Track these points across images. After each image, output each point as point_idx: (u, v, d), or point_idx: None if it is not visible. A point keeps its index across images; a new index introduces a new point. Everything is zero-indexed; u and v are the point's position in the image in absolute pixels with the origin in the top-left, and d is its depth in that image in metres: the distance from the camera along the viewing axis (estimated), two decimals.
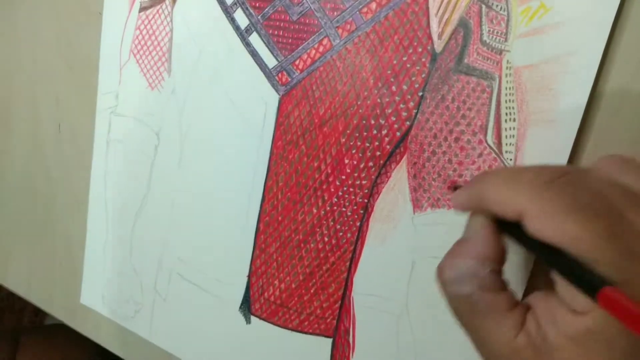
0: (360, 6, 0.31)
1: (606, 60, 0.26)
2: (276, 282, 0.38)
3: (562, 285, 0.19)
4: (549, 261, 0.20)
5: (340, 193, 0.34)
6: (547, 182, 0.20)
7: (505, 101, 0.28)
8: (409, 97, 0.31)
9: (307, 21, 0.33)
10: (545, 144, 0.27)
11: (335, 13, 0.32)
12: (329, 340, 0.36)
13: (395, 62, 0.31)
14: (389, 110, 0.32)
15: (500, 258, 0.22)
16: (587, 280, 0.18)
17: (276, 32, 0.35)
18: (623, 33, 0.26)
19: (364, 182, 0.33)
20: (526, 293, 0.29)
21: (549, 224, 0.19)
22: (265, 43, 0.35)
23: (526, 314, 0.21)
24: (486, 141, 0.29)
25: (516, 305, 0.21)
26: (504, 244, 0.22)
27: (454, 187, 0.30)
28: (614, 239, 0.18)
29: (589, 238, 0.18)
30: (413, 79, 0.31)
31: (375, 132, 0.32)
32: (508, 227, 0.22)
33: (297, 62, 0.34)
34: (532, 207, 0.19)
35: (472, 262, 0.22)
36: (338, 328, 0.36)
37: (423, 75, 0.30)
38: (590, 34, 0.26)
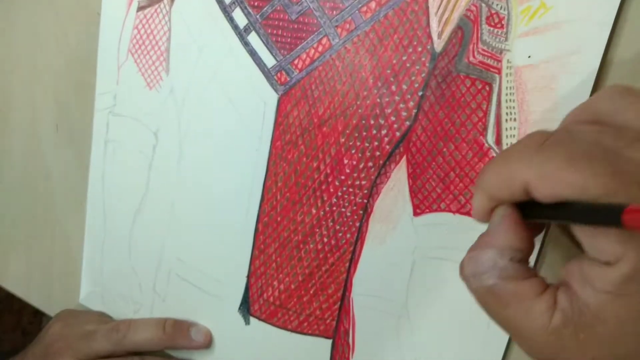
0: (360, 5, 0.31)
1: (606, 60, 0.26)
2: (275, 282, 0.37)
3: (588, 242, 0.19)
4: (567, 218, 0.19)
5: (339, 193, 0.34)
6: (538, 146, 0.20)
7: (506, 101, 0.28)
8: (409, 96, 0.31)
9: (306, 20, 0.33)
10: None
11: (334, 12, 0.32)
12: (329, 341, 0.36)
13: (394, 61, 0.31)
14: (389, 110, 0.31)
15: (522, 246, 0.21)
16: (607, 213, 0.17)
17: (275, 32, 0.34)
18: (623, 33, 0.26)
19: (363, 182, 0.33)
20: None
21: (552, 182, 0.19)
22: (264, 42, 0.35)
23: (556, 294, 0.20)
24: (486, 141, 0.29)
25: (545, 289, 0.20)
26: (527, 232, 0.22)
27: None
28: (618, 175, 0.18)
29: (593, 181, 0.18)
30: (413, 78, 0.30)
31: (374, 132, 0.32)
32: (528, 210, 0.21)
33: (296, 62, 0.34)
34: (532, 174, 0.19)
35: (490, 252, 0.21)
36: (338, 329, 0.36)
37: (423, 75, 0.30)
38: (591, 34, 0.26)
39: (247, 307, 0.39)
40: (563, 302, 0.20)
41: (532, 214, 0.21)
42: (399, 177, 0.32)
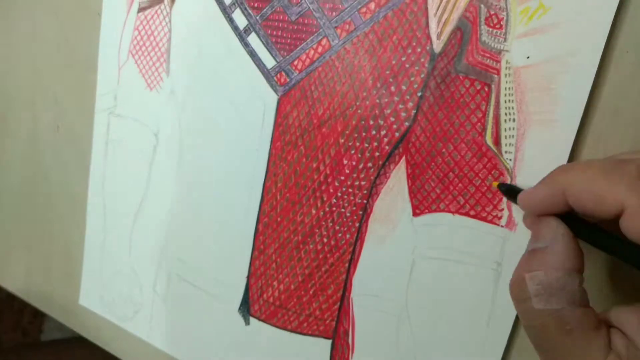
0: (359, 6, 0.31)
1: (605, 60, 0.26)
2: (275, 283, 0.37)
3: None
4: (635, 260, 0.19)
5: (339, 194, 0.34)
6: None
7: (505, 101, 0.28)
8: (408, 97, 0.31)
9: (306, 21, 0.33)
10: (545, 144, 0.27)
11: (334, 13, 0.32)
12: (328, 342, 0.36)
13: (394, 62, 0.31)
14: (388, 111, 0.31)
15: (583, 267, 0.21)
16: None
17: (275, 33, 0.35)
18: (622, 33, 0.26)
19: (363, 182, 0.33)
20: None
21: None
22: (263, 43, 0.35)
23: (610, 334, 0.20)
24: (485, 141, 0.29)
25: (601, 324, 0.20)
26: (582, 252, 0.21)
27: (504, 187, 0.28)
28: None
29: None
30: (412, 79, 0.30)
31: (374, 132, 0.32)
32: (585, 230, 0.20)
33: (295, 63, 0.34)
34: (636, 202, 0.18)
35: (559, 273, 0.20)
36: (337, 329, 0.36)
37: (422, 76, 0.30)
38: (590, 34, 0.26)
39: (247, 308, 0.39)
40: (619, 346, 0.19)
41: (591, 236, 0.20)
42: (398, 178, 0.32)
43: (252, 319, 0.39)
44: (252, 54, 0.36)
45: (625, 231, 0.18)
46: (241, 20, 0.36)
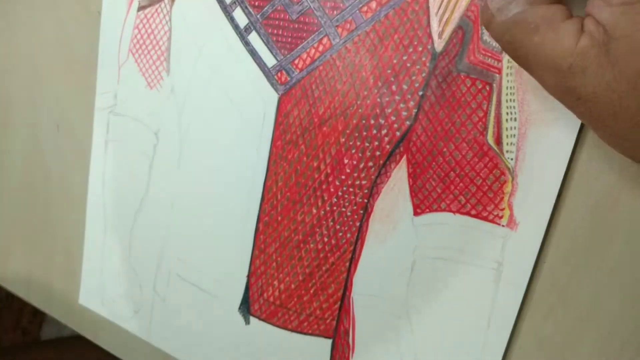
0: (360, 5, 0.31)
1: None
2: (275, 282, 0.37)
3: None
4: None
5: (339, 193, 0.34)
6: None
7: (506, 100, 0.28)
8: (409, 96, 0.31)
9: (307, 20, 0.33)
10: (547, 143, 0.27)
11: (335, 12, 0.32)
12: (329, 341, 0.36)
13: (395, 61, 0.31)
14: (389, 110, 0.31)
15: None
16: None
17: (275, 31, 0.34)
18: None
19: (363, 182, 0.33)
20: None
21: None
22: (264, 42, 0.35)
23: (583, 21, 0.20)
24: (487, 141, 0.29)
25: (571, 16, 0.21)
26: None
27: None
28: None
29: None
30: (413, 78, 0.30)
31: (375, 131, 0.32)
32: None
33: (296, 62, 0.34)
34: None
35: None
36: (338, 329, 0.36)
37: (423, 75, 0.30)
38: None
39: (247, 307, 0.39)
40: (590, 25, 0.20)
41: None
42: (399, 177, 0.32)
43: (252, 319, 0.39)
44: (253, 53, 0.35)
45: None
46: (242, 19, 0.35)
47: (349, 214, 0.34)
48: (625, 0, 0.19)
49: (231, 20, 0.36)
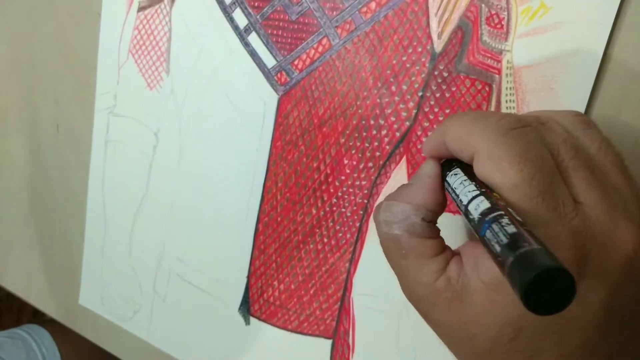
0: (360, 6, 0.31)
1: (606, 61, 0.26)
2: (275, 283, 0.37)
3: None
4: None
5: (339, 194, 0.34)
6: (507, 130, 0.20)
7: (506, 101, 0.28)
8: (409, 97, 0.31)
9: (306, 21, 0.33)
10: None
11: (334, 13, 0.32)
12: (329, 342, 0.36)
13: (394, 62, 0.31)
14: (389, 111, 0.31)
15: (437, 208, 0.23)
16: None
17: (275, 32, 0.34)
18: (622, 33, 0.26)
19: (363, 182, 0.33)
20: None
21: (496, 167, 0.20)
22: (264, 43, 0.35)
23: (450, 261, 0.22)
24: None
25: (442, 252, 0.22)
26: (444, 196, 0.23)
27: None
28: (549, 196, 0.19)
29: (526, 189, 0.19)
30: (413, 79, 0.30)
31: (374, 132, 0.32)
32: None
33: (296, 62, 0.34)
34: (485, 149, 0.20)
35: (407, 207, 0.23)
36: (337, 329, 0.36)
37: (423, 75, 0.30)
38: (591, 34, 0.26)
39: (247, 307, 0.39)
40: (452, 271, 0.22)
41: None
42: (399, 178, 0.32)
43: (252, 319, 0.39)
44: (253, 54, 0.35)
45: (477, 173, 0.21)
46: (241, 20, 0.35)
47: (348, 214, 0.34)
48: (487, 282, 0.20)
49: (231, 21, 0.36)
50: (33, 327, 0.60)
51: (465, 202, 0.20)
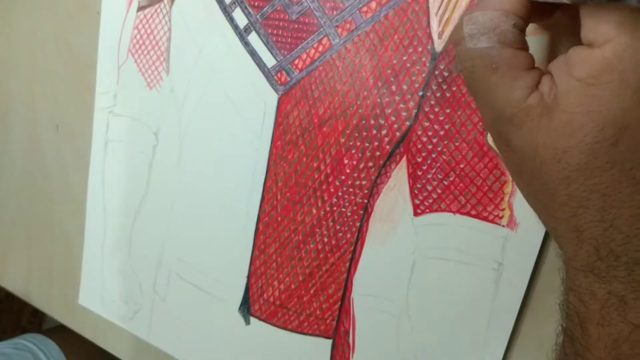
0: (360, 5, 0.31)
1: None
2: (275, 282, 0.37)
3: (587, 22, 0.19)
4: None
5: (339, 193, 0.34)
6: None
7: None
8: (409, 96, 0.31)
9: (307, 20, 0.33)
10: None
11: (334, 12, 0.32)
12: (329, 342, 0.36)
13: (395, 61, 0.31)
14: (389, 110, 0.31)
15: (525, 14, 0.21)
16: None
17: (275, 32, 0.34)
18: None
19: (363, 182, 0.33)
20: None
21: None
22: (264, 42, 0.35)
23: (542, 76, 0.20)
24: (487, 141, 0.29)
25: (533, 67, 0.21)
26: (531, 3, 0.21)
27: None
28: None
29: None
30: (413, 78, 0.30)
31: (375, 132, 0.32)
32: None
33: (296, 62, 0.34)
34: None
35: (495, 13, 0.21)
36: (338, 329, 0.36)
37: (423, 75, 0.30)
38: None
39: (247, 307, 0.39)
40: (544, 85, 0.20)
41: None
42: (399, 177, 0.32)
43: (252, 319, 0.39)
44: (253, 53, 0.35)
45: None
46: (241, 19, 0.35)
47: (349, 214, 0.34)
48: (584, 77, 0.19)
49: (231, 20, 0.36)
50: (37, 336, 0.59)
51: None
